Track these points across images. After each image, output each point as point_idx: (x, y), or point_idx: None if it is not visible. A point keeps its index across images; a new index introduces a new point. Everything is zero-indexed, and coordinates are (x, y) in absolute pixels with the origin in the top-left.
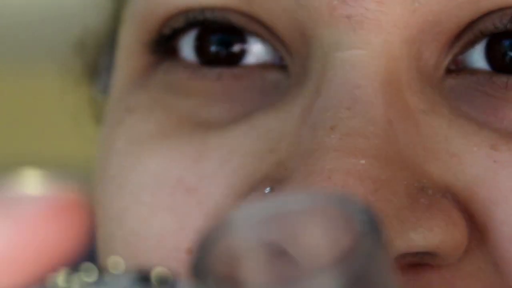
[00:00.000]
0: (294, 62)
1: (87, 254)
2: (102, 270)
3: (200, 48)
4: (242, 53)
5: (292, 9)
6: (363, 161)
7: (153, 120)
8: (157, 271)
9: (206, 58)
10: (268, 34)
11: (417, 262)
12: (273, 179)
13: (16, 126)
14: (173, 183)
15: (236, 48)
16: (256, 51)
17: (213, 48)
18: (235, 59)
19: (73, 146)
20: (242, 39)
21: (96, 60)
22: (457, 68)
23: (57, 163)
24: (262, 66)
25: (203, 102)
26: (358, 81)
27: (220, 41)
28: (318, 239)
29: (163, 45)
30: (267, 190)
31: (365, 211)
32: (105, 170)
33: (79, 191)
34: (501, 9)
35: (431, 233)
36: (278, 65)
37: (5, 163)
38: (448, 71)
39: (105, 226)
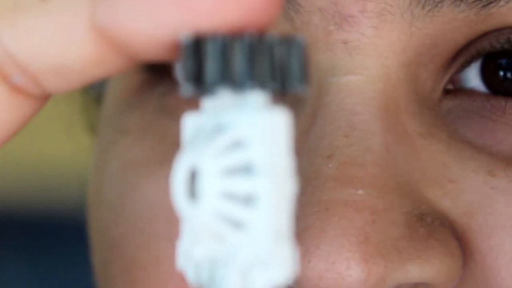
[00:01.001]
0: None
1: None
2: None
3: None
4: None
5: (288, 33)
6: (361, 191)
7: (146, 144)
8: None
9: None
10: None
11: None
12: None
13: None
14: (169, 211)
15: None
16: None
17: None
18: None
19: (66, 153)
20: None
21: None
22: (454, 88)
23: (49, 168)
24: None
25: None
26: (355, 107)
27: None
28: None
29: (158, 64)
30: None
31: None
32: (100, 194)
33: None
34: (498, 30)
35: (428, 265)
36: None
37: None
38: (445, 92)
39: (102, 252)
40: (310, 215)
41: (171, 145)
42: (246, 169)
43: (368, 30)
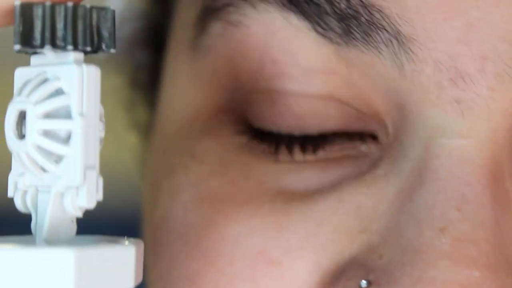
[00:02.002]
0: (387, 134)
1: None
2: None
3: None
4: None
5: (393, 79)
6: (476, 273)
7: (227, 179)
8: None
9: None
10: (361, 103)
11: None
12: (364, 264)
13: None
14: (254, 254)
15: None
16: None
17: None
18: None
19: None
20: None
21: (131, 53)
22: None
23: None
24: (350, 135)
25: (287, 168)
26: (467, 177)
27: None
28: None
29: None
30: (364, 284)
31: None
32: (168, 220)
33: None
34: None
35: None
36: (362, 131)
37: None
38: None
39: (172, 283)
40: None
41: (256, 184)
42: (64, 113)
43: (484, 91)
